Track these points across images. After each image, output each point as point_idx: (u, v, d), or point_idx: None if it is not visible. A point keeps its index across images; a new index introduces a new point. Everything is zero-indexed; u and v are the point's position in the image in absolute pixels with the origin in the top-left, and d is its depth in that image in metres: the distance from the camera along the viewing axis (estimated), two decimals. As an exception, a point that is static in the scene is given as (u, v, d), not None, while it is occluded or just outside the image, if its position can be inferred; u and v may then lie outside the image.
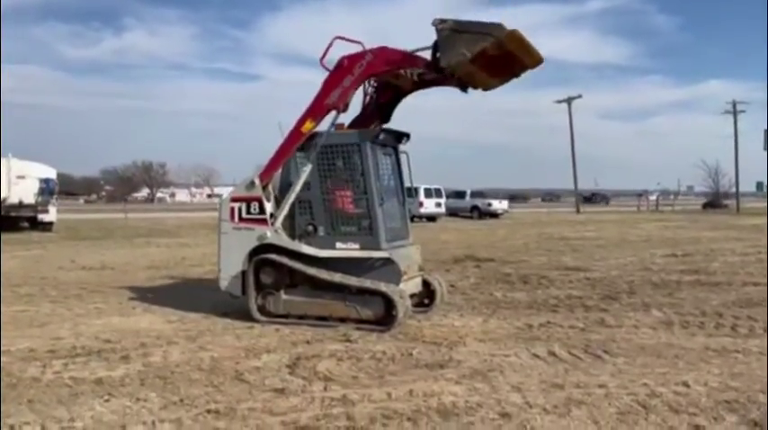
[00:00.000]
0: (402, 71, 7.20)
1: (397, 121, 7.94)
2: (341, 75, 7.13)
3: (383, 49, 7.02)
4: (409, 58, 6.97)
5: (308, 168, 7.43)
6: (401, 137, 8.01)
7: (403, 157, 8.13)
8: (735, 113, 56.90)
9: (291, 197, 7.42)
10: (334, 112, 7.33)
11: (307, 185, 7.56)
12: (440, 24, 6.50)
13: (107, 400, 4.71)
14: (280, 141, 7.59)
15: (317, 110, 7.30)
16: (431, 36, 6.61)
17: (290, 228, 7.56)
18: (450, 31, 6.45)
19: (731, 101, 57.58)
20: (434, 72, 6.83)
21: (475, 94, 7.23)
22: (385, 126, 7.71)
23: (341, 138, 7.52)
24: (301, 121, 7.35)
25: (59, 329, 7.12)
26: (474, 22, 6.51)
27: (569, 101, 54.56)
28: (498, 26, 6.29)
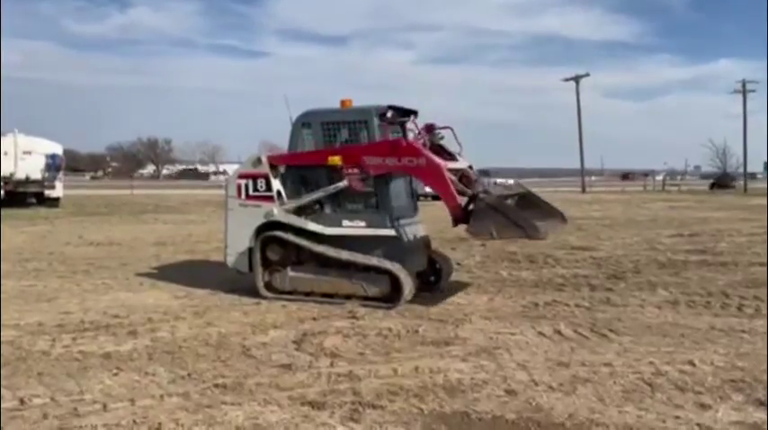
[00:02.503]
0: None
1: (403, 99, 7.89)
2: (389, 152, 7.00)
3: (437, 167, 6.89)
4: (448, 193, 6.84)
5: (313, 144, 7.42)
6: (408, 114, 7.94)
7: (410, 135, 8.07)
8: (744, 93, 56.27)
9: (314, 196, 7.41)
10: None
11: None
12: (482, 193, 6.60)
13: (116, 374, 4.76)
14: (285, 115, 7.64)
15: (350, 155, 7.19)
16: (434, 15, 6.55)
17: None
18: (488, 206, 6.48)
19: (741, 80, 56.98)
20: (456, 220, 6.84)
21: (480, 72, 7.19)
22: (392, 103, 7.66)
23: (348, 114, 7.49)
24: (331, 153, 7.27)
25: (68, 304, 7.18)
26: (515, 209, 6.60)
27: (577, 79, 54.02)
28: (536, 229, 6.37)
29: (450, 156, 7.66)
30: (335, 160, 7.22)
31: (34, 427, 3.79)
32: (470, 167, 7.80)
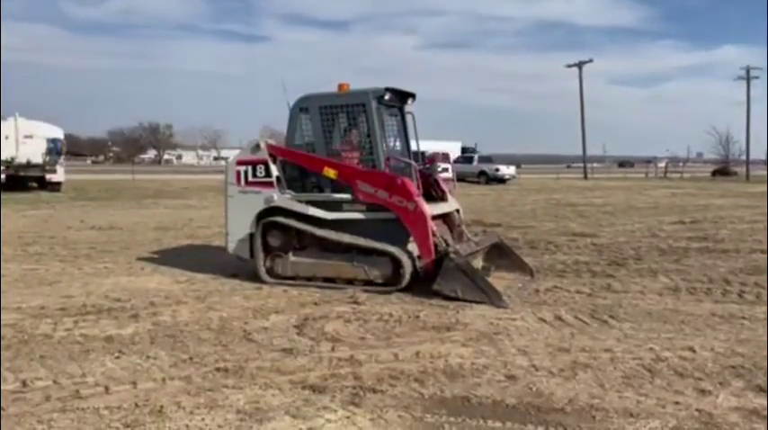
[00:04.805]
0: None
1: (405, 84, 7.85)
2: (383, 186, 7.03)
3: (423, 217, 6.93)
4: (426, 245, 6.92)
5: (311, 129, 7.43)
6: (407, 97, 7.92)
7: (409, 118, 8.05)
8: (748, 79, 55.99)
9: (316, 197, 7.48)
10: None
11: (311, 147, 7.56)
12: (452, 254, 6.72)
13: (118, 357, 4.78)
14: (285, 100, 7.70)
15: (346, 174, 7.21)
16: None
17: (300, 189, 7.59)
18: (456, 267, 6.62)
19: (745, 66, 56.61)
20: (426, 272, 6.93)
21: (483, 58, 7.21)
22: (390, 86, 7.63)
23: (345, 98, 7.46)
24: (328, 165, 7.28)
25: (70, 288, 7.20)
26: (482, 277, 6.80)
27: (580, 65, 53.79)
28: (499, 297, 6.48)
29: (442, 194, 7.88)
30: (330, 173, 7.25)
31: (37, 409, 3.81)
32: (457, 211, 7.95)
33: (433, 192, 7.86)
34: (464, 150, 60.77)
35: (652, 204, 21.28)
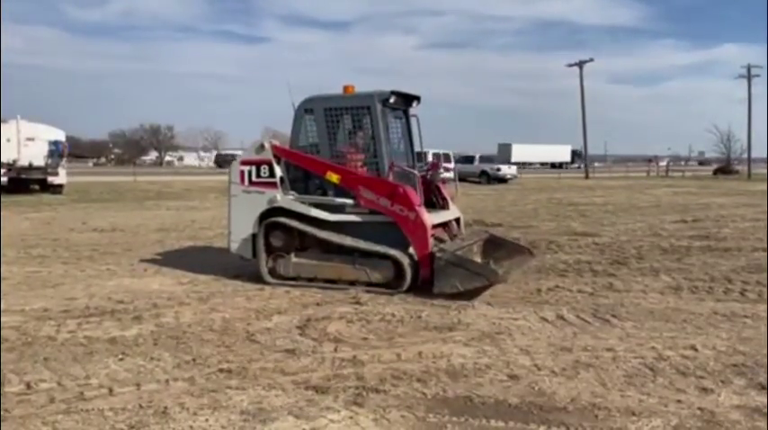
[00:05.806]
0: None
1: (406, 84, 7.88)
2: (385, 193, 7.07)
3: (423, 227, 6.97)
4: (424, 254, 6.92)
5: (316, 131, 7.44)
6: (412, 99, 7.93)
7: (413, 121, 8.07)
8: (749, 78, 55.86)
9: (318, 199, 7.50)
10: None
11: (315, 148, 7.57)
12: (438, 252, 6.80)
13: (121, 359, 4.80)
14: (289, 101, 7.72)
15: (348, 179, 7.24)
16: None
17: (303, 190, 7.61)
18: (447, 263, 6.69)
19: (746, 65, 56.52)
20: (424, 279, 6.95)
21: (483, 57, 7.24)
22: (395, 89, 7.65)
23: (350, 100, 7.46)
24: (331, 169, 7.29)
25: (72, 290, 7.22)
26: (470, 261, 6.88)
27: (581, 64, 53.71)
28: (495, 273, 6.61)
29: (443, 202, 7.93)
30: (333, 178, 7.26)
31: (41, 411, 3.83)
32: (457, 220, 8.02)
33: (435, 199, 7.88)
34: (574, 153, 60.82)
35: (654, 203, 21.26)
